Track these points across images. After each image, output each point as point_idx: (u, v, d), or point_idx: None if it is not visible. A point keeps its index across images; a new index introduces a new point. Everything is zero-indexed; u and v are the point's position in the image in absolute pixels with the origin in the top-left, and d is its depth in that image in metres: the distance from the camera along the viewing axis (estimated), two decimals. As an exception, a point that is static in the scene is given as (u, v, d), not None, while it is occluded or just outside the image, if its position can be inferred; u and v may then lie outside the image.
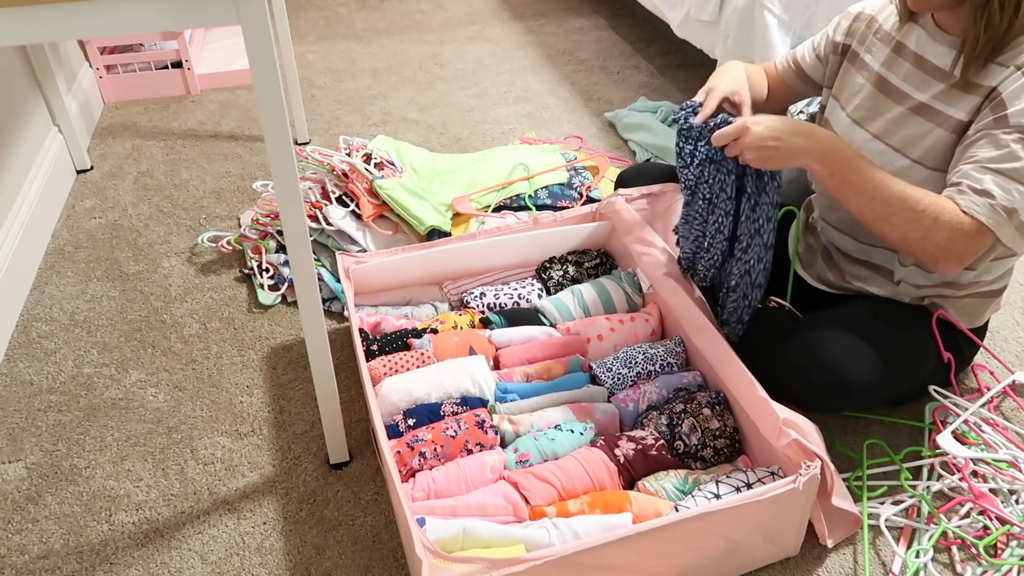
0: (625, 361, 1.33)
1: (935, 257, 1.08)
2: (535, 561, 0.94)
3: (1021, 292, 1.66)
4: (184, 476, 1.28)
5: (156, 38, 2.46)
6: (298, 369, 1.48)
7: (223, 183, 2.03)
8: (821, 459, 1.06)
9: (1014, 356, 1.50)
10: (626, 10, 3.08)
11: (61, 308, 1.62)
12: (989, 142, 1.07)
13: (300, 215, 1.01)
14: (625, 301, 1.48)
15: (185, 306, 1.63)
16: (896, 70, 1.23)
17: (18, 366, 1.49)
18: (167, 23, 0.86)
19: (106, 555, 1.16)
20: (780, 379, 1.19)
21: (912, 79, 1.20)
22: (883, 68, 1.25)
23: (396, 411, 1.24)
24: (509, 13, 3.11)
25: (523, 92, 2.50)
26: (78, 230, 1.86)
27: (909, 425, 1.35)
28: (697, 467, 1.19)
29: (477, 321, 1.44)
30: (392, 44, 2.85)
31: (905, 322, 1.25)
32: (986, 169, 1.06)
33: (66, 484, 1.27)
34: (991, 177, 1.05)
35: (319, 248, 1.71)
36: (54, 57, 2.07)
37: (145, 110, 2.39)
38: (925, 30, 1.20)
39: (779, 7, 1.90)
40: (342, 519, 1.21)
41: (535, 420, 1.23)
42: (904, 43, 1.23)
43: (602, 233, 1.59)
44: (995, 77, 1.09)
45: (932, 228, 1.06)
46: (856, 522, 1.16)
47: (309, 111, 2.39)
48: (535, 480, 1.12)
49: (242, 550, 1.17)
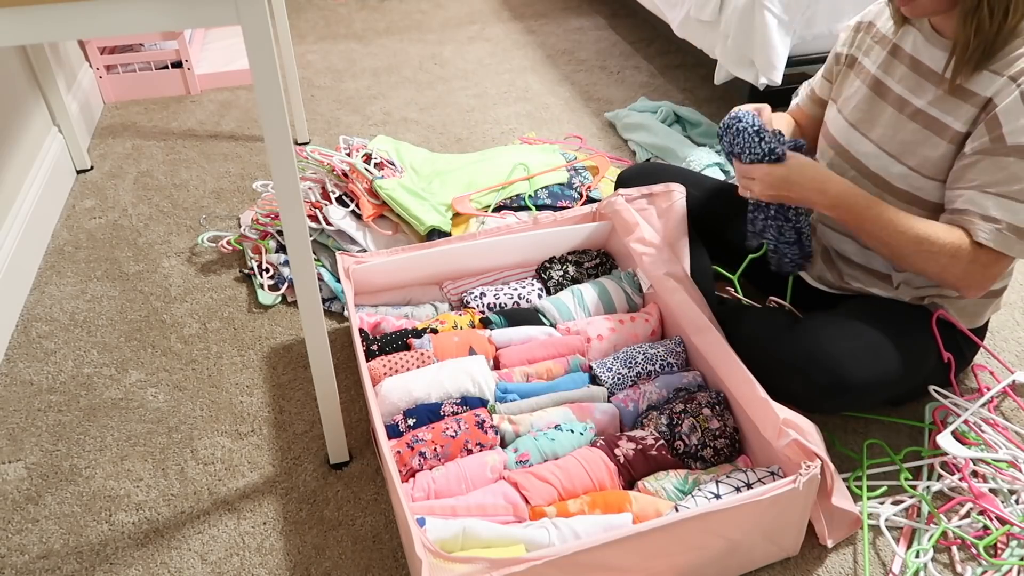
0: (625, 361, 1.33)
1: (956, 287, 1.15)
2: (535, 561, 0.94)
3: (1021, 292, 1.66)
4: (184, 476, 1.28)
5: (156, 38, 2.46)
6: (298, 369, 1.48)
7: (223, 183, 2.03)
8: (821, 459, 1.06)
9: (1014, 356, 1.50)
10: (626, 10, 3.09)
11: (61, 308, 1.62)
12: (990, 165, 1.10)
13: (300, 215, 1.01)
14: (625, 301, 1.48)
15: (185, 306, 1.63)
16: (892, 73, 1.23)
17: (18, 366, 1.49)
18: (167, 23, 0.86)
19: (106, 555, 1.16)
20: (780, 379, 1.20)
21: (907, 82, 1.21)
22: (880, 71, 1.26)
23: (396, 411, 1.24)
24: (509, 13, 3.11)
25: (523, 92, 2.50)
26: (78, 230, 1.86)
27: (909, 425, 1.35)
28: (697, 467, 1.19)
29: (477, 321, 1.44)
30: (392, 44, 2.85)
31: (905, 322, 1.25)
32: (989, 194, 1.10)
33: (66, 484, 1.27)
34: (995, 201, 1.09)
35: (319, 248, 1.71)
36: (54, 57, 2.07)
37: (145, 110, 2.39)
38: (922, 33, 1.20)
39: (779, 7, 1.90)
40: (342, 519, 1.21)
41: (535, 420, 1.23)
42: (901, 46, 1.23)
43: (602, 233, 1.59)
44: (989, 86, 1.10)
45: (950, 264, 1.12)
46: (856, 522, 1.16)
47: (309, 111, 2.39)
48: (535, 480, 1.12)
49: (242, 550, 1.17)
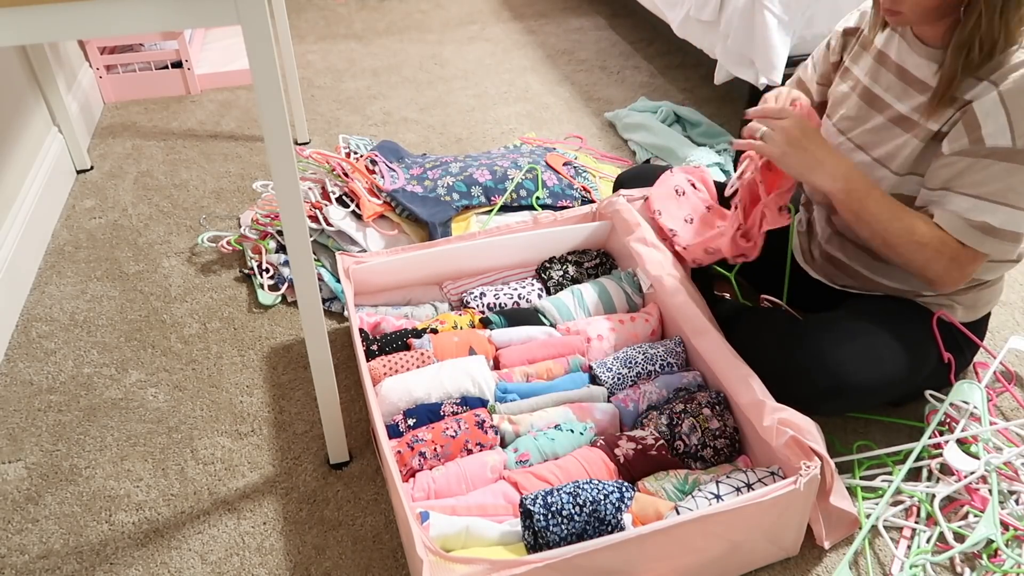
0: (625, 361, 1.33)
1: (933, 282, 1.17)
2: (536, 563, 0.94)
3: (1021, 292, 1.66)
4: (184, 476, 1.28)
5: (156, 38, 2.46)
6: (298, 369, 1.48)
7: (223, 183, 2.03)
8: (821, 456, 1.06)
9: (1014, 356, 1.50)
10: (626, 10, 3.08)
11: (61, 308, 1.62)
12: (971, 167, 1.10)
13: (300, 215, 1.01)
14: (625, 301, 1.47)
15: (185, 306, 1.63)
16: (880, 80, 1.24)
17: (18, 366, 1.49)
18: (167, 23, 0.86)
19: (106, 555, 1.16)
20: (780, 381, 1.19)
21: (894, 89, 1.21)
22: (867, 78, 1.26)
23: (396, 411, 1.24)
24: (509, 13, 3.11)
25: (523, 92, 2.50)
26: (78, 230, 1.86)
27: (909, 425, 1.35)
28: (697, 467, 1.19)
29: (477, 321, 1.44)
30: (392, 44, 2.85)
31: (905, 323, 1.25)
32: (969, 196, 1.10)
33: (66, 484, 1.27)
34: (973, 203, 1.10)
35: (319, 248, 1.71)
36: (54, 57, 2.07)
37: (145, 110, 2.39)
38: (905, 40, 1.21)
39: (779, 7, 1.90)
40: (342, 519, 1.21)
41: (535, 420, 1.23)
42: (886, 53, 1.23)
43: (602, 233, 1.59)
44: (969, 91, 1.11)
45: (933, 258, 1.13)
46: (854, 523, 1.16)
47: (309, 111, 2.39)
48: (535, 480, 1.12)
49: (242, 550, 1.17)
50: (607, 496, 1.05)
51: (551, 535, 1.01)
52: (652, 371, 1.32)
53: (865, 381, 1.17)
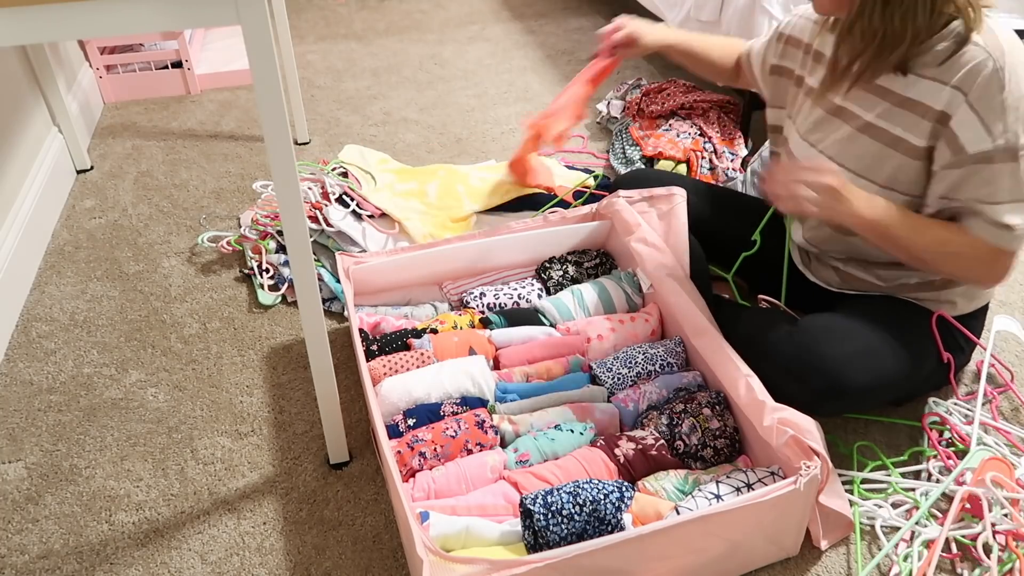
0: (625, 361, 1.33)
1: (976, 284, 1.18)
2: (536, 563, 0.94)
3: (1021, 292, 1.66)
4: (184, 476, 1.28)
5: (156, 38, 2.46)
6: (298, 369, 1.48)
7: (223, 183, 2.03)
8: (820, 455, 1.06)
9: (1014, 356, 1.50)
10: (626, 10, 3.08)
11: (61, 308, 1.62)
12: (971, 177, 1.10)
13: (300, 215, 1.01)
14: (625, 301, 1.47)
15: (185, 306, 1.63)
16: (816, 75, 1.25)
17: (18, 366, 1.49)
18: (167, 23, 0.86)
19: (106, 555, 1.16)
20: (779, 383, 1.19)
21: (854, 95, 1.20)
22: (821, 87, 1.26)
23: (396, 411, 1.24)
24: (509, 13, 3.11)
25: (523, 92, 2.50)
26: (78, 230, 1.86)
27: (908, 425, 1.35)
28: (697, 467, 1.19)
29: (477, 321, 1.44)
30: (392, 44, 2.85)
31: (904, 323, 1.25)
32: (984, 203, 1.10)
33: (66, 484, 1.27)
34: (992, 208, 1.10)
35: (319, 248, 1.71)
36: (54, 57, 2.07)
37: (145, 110, 2.39)
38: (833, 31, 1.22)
39: (779, 8, 1.90)
40: (342, 519, 1.21)
41: (535, 420, 1.23)
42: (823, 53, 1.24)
43: (602, 233, 1.59)
44: (936, 97, 1.10)
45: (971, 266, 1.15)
46: (850, 524, 1.16)
47: (309, 111, 2.39)
48: (535, 480, 1.12)
49: (242, 550, 1.17)
50: (607, 496, 1.05)
51: (551, 535, 1.01)
52: (652, 371, 1.32)
53: (864, 382, 1.17)
